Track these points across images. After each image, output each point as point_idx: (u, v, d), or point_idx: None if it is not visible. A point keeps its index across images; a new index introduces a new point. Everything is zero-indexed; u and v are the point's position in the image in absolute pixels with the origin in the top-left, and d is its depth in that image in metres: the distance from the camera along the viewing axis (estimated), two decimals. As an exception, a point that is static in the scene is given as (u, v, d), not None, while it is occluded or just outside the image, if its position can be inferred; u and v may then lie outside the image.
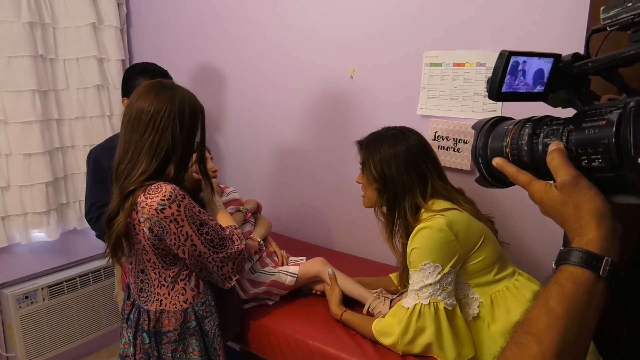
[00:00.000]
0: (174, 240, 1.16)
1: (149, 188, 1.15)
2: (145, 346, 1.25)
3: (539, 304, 0.55)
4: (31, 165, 2.06)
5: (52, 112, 2.14)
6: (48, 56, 2.12)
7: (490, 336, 1.19)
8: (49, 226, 2.15)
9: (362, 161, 1.31)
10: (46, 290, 2.17)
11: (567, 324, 0.52)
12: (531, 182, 0.64)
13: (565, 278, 0.55)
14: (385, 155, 1.24)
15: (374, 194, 1.29)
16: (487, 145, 0.74)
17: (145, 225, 1.15)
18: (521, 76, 0.66)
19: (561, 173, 0.58)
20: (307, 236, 2.06)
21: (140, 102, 1.18)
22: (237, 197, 1.63)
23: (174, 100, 1.18)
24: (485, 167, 0.74)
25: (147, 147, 1.17)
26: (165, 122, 1.17)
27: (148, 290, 1.26)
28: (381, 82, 1.74)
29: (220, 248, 1.20)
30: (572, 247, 0.56)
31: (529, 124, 0.68)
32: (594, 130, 0.57)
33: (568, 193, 0.58)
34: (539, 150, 0.65)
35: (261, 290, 1.46)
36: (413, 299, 1.17)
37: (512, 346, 0.55)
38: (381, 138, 1.29)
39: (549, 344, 0.51)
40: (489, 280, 1.22)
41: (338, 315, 1.34)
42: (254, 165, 2.22)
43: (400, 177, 1.23)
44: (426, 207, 1.22)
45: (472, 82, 1.54)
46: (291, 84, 1.99)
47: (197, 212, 1.17)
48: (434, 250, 1.15)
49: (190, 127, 1.22)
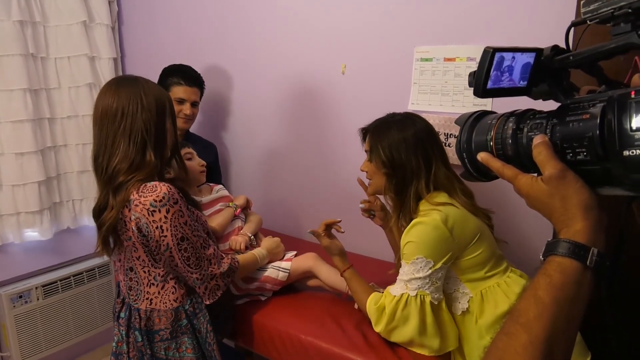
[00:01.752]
0: (155, 246, 1.17)
1: (143, 186, 1.14)
2: (138, 344, 1.25)
3: (528, 294, 0.56)
4: (23, 165, 2.05)
5: (44, 111, 2.13)
6: (39, 55, 2.11)
7: (477, 330, 1.20)
8: (42, 225, 2.14)
9: (370, 147, 1.29)
10: (40, 289, 2.17)
11: (555, 313, 0.53)
12: (517, 176, 0.64)
13: (553, 269, 0.55)
14: (394, 140, 1.23)
15: (382, 180, 1.28)
16: (471, 139, 0.74)
17: (134, 223, 1.15)
18: (507, 72, 0.66)
19: (548, 166, 0.59)
20: (299, 232, 2.06)
21: (104, 99, 1.18)
22: (226, 194, 1.63)
23: (136, 92, 1.18)
24: (470, 161, 0.74)
25: (121, 132, 1.16)
26: (133, 108, 1.17)
27: (137, 289, 1.26)
28: (372, 78, 1.75)
29: (195, 268, 1.19)
30: (559, 238, 0.57)
31: (513, 118, 0.68)
32: (578, 124, 0.57)
33: (555, 186, 0.58)
34: (524, 144, 0.65)
35: (254, 286, 1.46)
36: (401, 288, 1.18)
37: (502, 336, 0.56)
38: (388, 123, 1.28)
39: (538, 333, 0.52)
40: (480, 277, 1.22)
41: (340, 270, 1.34)
42: (245, 162, 2.22)
43: (409, 162, 1.22)
44: (426, 199, 1.22)
45: (463, 77, 1.55)
46: (283, 80, 1.99)
47: (183, 223, 1.16)
48: (427, 246, 1.16)
49: (158, 109, 1.20)
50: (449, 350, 1.20)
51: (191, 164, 1.47)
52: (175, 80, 1.83)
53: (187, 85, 1.83)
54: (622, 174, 0.53)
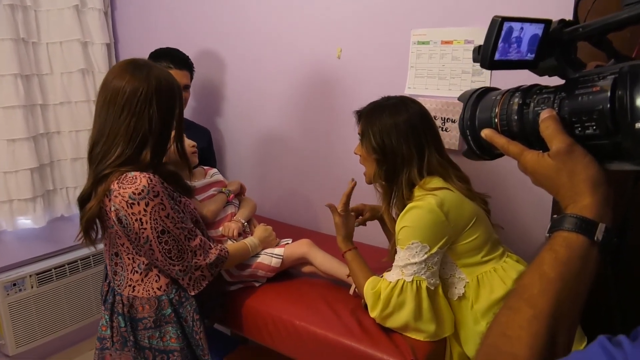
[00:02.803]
0: (134, 239, 1.15)
1: (123, 177, 1.12)
2: (121, 329, 1.23)
3: (533, 269, 0.55)
4: (15, 151, 2.03)
5: (35, 97, 2.10)
6: (30, 40, 2.07)
7: (473, 315, 1.19)
8: (35, 213, 2.12)
9: (362, 131, 1.26)
10: (34, 277, 2.15)
11: (560, 288, 0.52)
12: (522, 153, 0.63)
13: (559, 244, 0.55)
14: (385, 125, 1.20)
15: (373, 165, 1.25)
16: (474, 116, 0.73)
17: (114, 214, 1.13)
18: (514, 43, 0.64)
19: (555, 141, 0.58)
20: (293, 219, 2.05)
21: (116, 81, 1.15)
22: (220, 179, 1.61)
23: (150, 80, 1.15)
24: (473, 139, 0.73)
25: (124, 130, 1.14)
26: (142, 104, 1.14)
27: (121, 274, 1.24)
28: (369, 62, 1.72)
29: (177, 260, 1.17)
30: (565, 213, 0.56)
31: (518, 94, 0.67)
32: (588, 97, 0.56)
33: (562, 161, 0.57)
34: (530, 119, 0.64)
35: (247, 272, 1.45)
36: (396, 274, 1.16)
37: (506, 311, 0.55)
38: (381, 107, 1.24)
39: (543, 308, 0.51)
40: (476, 262, 1.21)
41: (342, 250, 1.32)
42: (240, 148, 2.19)
43: (400, 148, 1.19)
44: (420, 185, 1.19)
45: (461, 60, 1.52)
46: (277, 65, 1.96)
47: (165, 216, 1.14)
48: (423, 230, 1.14)
49: (168, 107, 1.19)
50: (445, 336, 1.18)
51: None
52: (164, 65, 1.79)
53: (176, 68, 1.80)
54: (632, 147, 0.51)
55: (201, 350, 1.28)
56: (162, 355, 1.25)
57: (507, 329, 0.53)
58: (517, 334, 0.52)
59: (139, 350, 1.24)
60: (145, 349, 1.24)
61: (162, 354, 1.25)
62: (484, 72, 1.48)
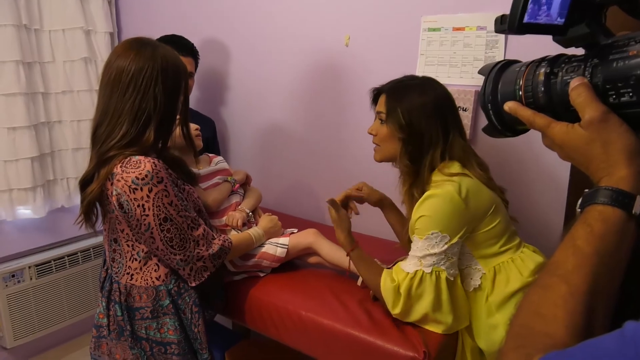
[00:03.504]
0: (136, 225, 1.11)
1: (127, 160, 1.08)
2: (118, 318, 1.20)
3: (565, 245, 0.52)
4: (16, 140, 1.99)
5: (37, 85, 2.06)
6: (32, 27, 2.04)
7: (487, 308, 1.15)
8: (35, 203, 2.08)
9: (387, 109, 1.19)
10: (34, 269, 2.11)
11: (596, 264, 0.49)
12: (550, 125, 0.59)
13: (594, 218, 0.51)
14: (414, 104, 1.15)
15: (395, 145, 1.20)
16: (496, 90, 0.69)
17: (115, 198, 1.09)
18: (545, 5, 0.60)
19: (588, 109, 0.54)
20: (297, 211, 2.01)
21: (120, 60, 1.11)
22: (226, 167, 1.56)
23: (156, 58, 1.12)
24: (495, 113, 0.69)
25: (128, 109, 1.10)
26: (147, 82, 1.10)
27: (120, 262, 1.20)
28: (378, 50, 1.68)
29: (179, 249, 1.13)
30: (600, 186, 0.52)
31: (545, 63, 0.63)
32: (624, 62, 0.52)
33: (596, 130, 0.54)
34: (557, 90, 0.60)
35: (251, 262, 1.40)
36: (414, 265, 1.12)
37: (538, 289, 0.51)
38: (408, 86, 1.20)
39: (579, 285, 0.48)
40: (494, 252, 1.17)
41: (347, 249, 1.24)
42: (244, 138, 2.15)
43: (428, 129, 1.15)
44: (439, 168, 1.15)
45: (472, 47, 1.48)
46: (284, 53, 1.92)
47: (168, 203, 1.10)
48: (442, 220, 1.09)
49: (174, 87, 1.15)
50: (461, 328, 1.14)
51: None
52: None
53: (180, 55, 1.75)
54: None
55: (199, 343, 1.24)
56: (160, 347, 1.21)
57: (540, 308, 0.49)
58: (551, 312, 0.48)
59: (136, 340, 1.20)
60: (142, 340, 1.21)
61: (159, 346, 1.21)
62: (497, 59, 1.44)
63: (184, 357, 1.22)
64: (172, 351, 1.21)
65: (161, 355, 1.22)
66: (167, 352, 1.22)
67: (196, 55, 1.87)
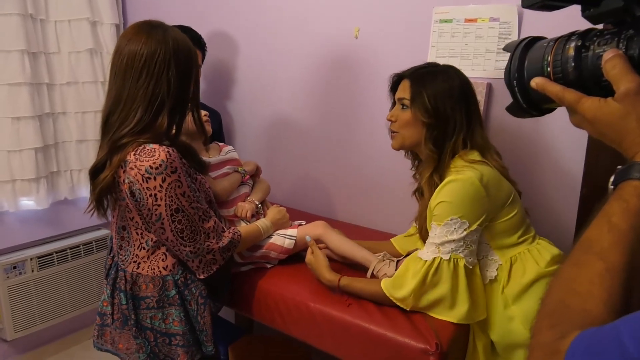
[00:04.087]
0: (147, 215, 1.09)
1: (141, 148, 1.06)
2: (122, 307, 1.18)
3: (600, 222, 0.50)
4: (20, 130, 1.97)
5: (42, 76, 2.04)
6: (38, 16, 2.02)
7: (503, 299, 1.13)
8: (38, 194, 2.06)
9: (411, 94, 1.18)
10: (35, 261, 2.09)
11: (633, 240, 0.47)
12: (580, 100, 0.57)
13: (629, 193, 0.49)
14: (440, 89, 1.15)
15: (419, 131, 1.18)
16: (522, 67, 0.67)
17: (127, 186, 1.07)
18: None
19: (624, 81, 0.52)
20: (305, 205, 1.98)
21: (132, 45, 1.09)
22: (236, 157, 1.54)
23: (167, 41, 1.09)
24: (521, 91, 0.67)
25: (142, 94, 1.07)
26: (160, 66, 1.08)
27: (127, 250, 1.18)
28: (388, 42, 1.66)
29: (189, 241, 1.11)
30: (635, 161, 0.51)
31: (575, 37, 0.61)
32: None
33: (631, 103, 0.51)
34: (589, 64, 0.58)
35: (259, 254, 1.38)
36: (432, 252, 1.10)
37: (571, 267, 0.49)
38: (432, 72, 1.20)
39: (615, 262, 0.46)
40: (511, 242, 1.15)
41: (335, 282, 1.22)
42: (250, 131, 2.13)
43: (453, 114, 1.15)
44: (460, 155, 1.14)
45: (484, 39, 1.46)
46: (292, 45, 1.90)
47: (181, 194, 1.07)
48: (462, 206, 1.08)
49: (186, 70, 1.13)
50: (478, 320, 1.12)
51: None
52: None
53: None
54: None
55: (204, 335, 1.21)
56: (164, 337, 1.19)
57: (575, 285, 0.47)
58: (588, 289, 0.46)
59: (140, 330, 1.18)
60: (147, 330, 1.18)
61: (164, 337, 1.19)
62: (510, 51, 1.43)
63: (189, 348, 1.20)
64: (177, 342, 1.19)
65: (165, 346, 1.20)
66: (171, 343, 1.19)
67: (203, 48, 1.85)
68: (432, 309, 1.12)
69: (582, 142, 1.35)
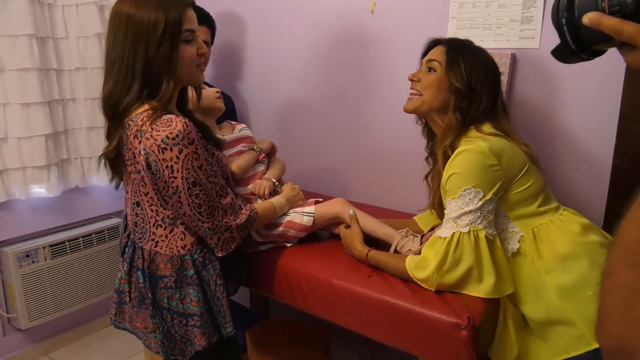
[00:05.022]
0: (163, 188, 1.06)
1: (158, 118, 1.03)
2: (139, 285, 1.15)
3: None
4: (29, 116, 1.94)
5: (51, 61, 2.01)
6: (46, 1, 1.99)
7: (535, 272, 1.08)
8: (49, 181, 2.03)
9: (447, 59, 1.18)
10: (48, 249, 2.07)
11: None
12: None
13: None
14: (477, 63, 1.17)
15: (444, 96, 1.18)
16: (573, 3, 0.63)
17: (143, 157, 1.04)
18: None
19: None
20: (322, 187, 1.94)
21: (139, 12, 1.04)
22: (249, 135, 1.50)
23: (157, 17, 1.03)
24: (571, 30, 0.62)
25: (140, 69, 1.04)
26: (155, 33, 1.03)
27: (143, 227, 1.15)
28: (405, 15, 1.61)
29: (207, 217, 1.07)
30: None
31: None
32: None
33: None
34: None
35: (277, 232, 1.35)
36: (450, 228, 1.06)
37: (629, 273, 0.42)
38: (470, 46, 1.22)
39: None
40: (531, 212, 1.11)
41: (363, 253, 1.22)
42: (262, 114, 2.09)
43: (481, 91, 1.15)
44: (476, 126, 1.13)
45: (508, 7, 1.41)
46: (303, 22, 1.85)
47: (198, 166, 1.04)
48: (474, 175, 1.04)
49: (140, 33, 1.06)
50: (506, 293, 1.07)
51: (204, 91, 1.35)
52: None
53: None
54: None
55: (222, 317, 1.18)
56: (181, 318, 1.15)
57: None
58: None
59: (157, 309, 1.15)
60: (164, 310, 1.15)
61: (181, 317, 1.15)
62: (535, 19, 1.37)
63: (206, 329, 1.16)
64: (194, 323, 1.15)
65: (182, 327, 1.16)
66: (188, 324, 1.16)
67: (212, 25, 1.80)
68: (458, 287, 1.08)
69: (612, 111, 1.30)
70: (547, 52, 1.37)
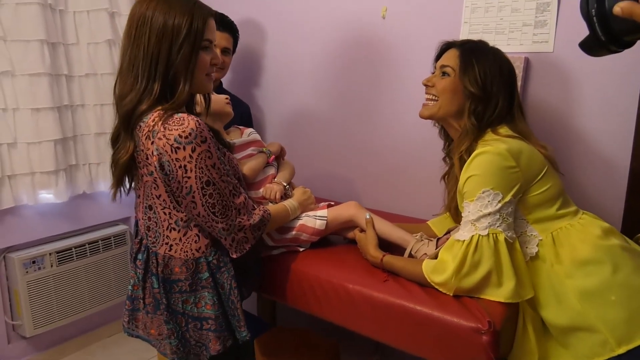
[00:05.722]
0: (177, 188, 1.04)
1: (170, 117, 1.02)
2: (154, 290, 1.13)
3: None
4: (39, 121, 1.94)
5: (61, 67, 2.02)
6: (57, 7, 2.00)
7: (555, 276, 1.06)
8: (57, 187, 2.02)
9: (461, 63, 1.17)
10: (54, 255, 2.05)
11: None
12: None
13: None
14: (491, 66, 1.15)
15: (460, 101, 1.17)
16: None
17: (156, 158, 1.02)
18: None
19: None
20: (333, 193, 1.92)
21: (157, 14, 1.03)
22: (258, 139, 1.49)
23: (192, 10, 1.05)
24: (600, 20, 0.62)
25: (160, 72, 1.04)
26: (140, 30, 1.03)
27: (156, 231, 1.13)
28: (417, 21, 1.61)
29: (221, 217, 1.06)
30: None
31: None
32: None
33: None
34: None
35: (290, 236, 1.33)
36: (469, 231, 1.04)
37: None
38: (483, 48, 1.20)
39: None
40: (550, 216, 1.09)
41: (378, 259, 1.20)
42: (279, 118, 2.08)
43: (497, 94, 1.14)
44: (493, 129, 1.12)
45: (521, 12, 1.41)
46: (316, 25, 1.86)
47: (211, 165, 1.03)
48: (493, 176, 1.03)
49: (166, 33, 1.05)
50: (526, 298, 1.05)
51: (213, 96, 1.35)
52: None
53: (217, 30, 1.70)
54: None
55: (237, 320, 1.15)
56: (196, 322, 1.13)
57: None
58: None
59: (172, 314, 1.13)
60: (178, 314, 1.13)
61: (196, 321, 1.13)
62: (548, 23, 1.37)
63: (221, 333, 1.14)
64: (209, 327, 1.13)
65: (197, 332, 1.14)
66: (202, 327, 1.14)
67: (235, 33, 1.82)
68: (477, 291, 1.06)
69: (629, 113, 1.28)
70: (561, 55, 1.37)
